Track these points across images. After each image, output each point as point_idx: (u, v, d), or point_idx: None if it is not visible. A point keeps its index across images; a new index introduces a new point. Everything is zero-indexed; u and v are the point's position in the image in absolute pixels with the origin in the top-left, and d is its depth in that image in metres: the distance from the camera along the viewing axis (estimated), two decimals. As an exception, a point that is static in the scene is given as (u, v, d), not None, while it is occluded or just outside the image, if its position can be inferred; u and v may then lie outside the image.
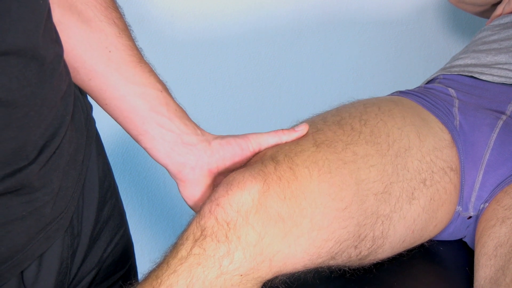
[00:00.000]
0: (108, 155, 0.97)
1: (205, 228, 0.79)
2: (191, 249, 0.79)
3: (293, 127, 0.91)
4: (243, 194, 0.81)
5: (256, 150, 0.89)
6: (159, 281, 0.77)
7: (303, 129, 0.90)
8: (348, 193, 0.86)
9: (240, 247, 0.79)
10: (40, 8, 0.68)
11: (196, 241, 0.79)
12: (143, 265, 0.91)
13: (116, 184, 0.98)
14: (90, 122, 0.88)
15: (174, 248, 0.81)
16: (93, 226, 0.88)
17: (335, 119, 0.94)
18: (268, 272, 0.81)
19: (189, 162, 0.88)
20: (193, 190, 0.89)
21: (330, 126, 0.92)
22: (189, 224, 0.82)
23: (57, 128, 0.75)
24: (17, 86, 0.66)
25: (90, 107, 0.91)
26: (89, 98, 0.92)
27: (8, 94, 0.66)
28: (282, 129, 0.90)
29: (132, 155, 1.49)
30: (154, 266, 0.81)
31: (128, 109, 0.86)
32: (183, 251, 0.79)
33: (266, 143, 0.89)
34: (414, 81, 1.49)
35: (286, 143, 0.89)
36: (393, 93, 1.11)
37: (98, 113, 0.92)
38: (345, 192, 0.86)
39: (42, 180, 0.74)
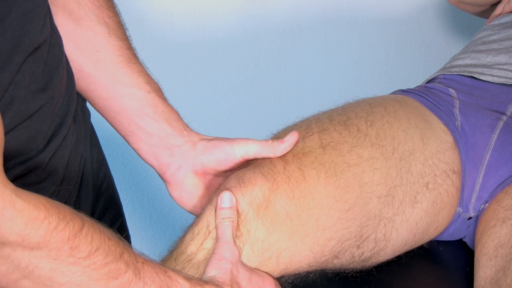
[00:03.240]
0: (108, 155, 0.97)
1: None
2: (201, 244, 0.79)
3: (281, 138, 0.86)
4: (255, 189, 0.81)
5: (245, 157, 0.87)
6: None
7: (291, 139, 0.85)
8: (352, 196, 0.86)
9: (249, 241, 0.79)
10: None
11: (209, 233, 0.79)
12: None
13: (112, 176, 0.97)
14: (85, 113, 0.88)
15: (182, 243, 0.80)
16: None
17: (341, 119, 0.93)
18: (275, 268, 0.82)
19: (173, 163, 0.88)
20: (180, 191, 0.89)
21: (336, 126, 0.92)
22: (200, 217, 0.82)
23: (63, 117, 0.76)
24: (41, 76, 0.68)
25: (84, 99, 0.91)
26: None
27: (40, 85, 0.68)
28: (272, 141, 0.86)
29: (132, 155, 1.49)
30: (159, 260, 0.80)
31: (116, 110, 0.86)
32: (192, 247, 0.79)
33: (253, 151, 0.86)
34: (414, 81, 1.49)
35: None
36: (396, 91, 1.11)
37: (98, 113, 0.92)
38: (349, 194, 0.86)
39: (48, 169, 0.74)
